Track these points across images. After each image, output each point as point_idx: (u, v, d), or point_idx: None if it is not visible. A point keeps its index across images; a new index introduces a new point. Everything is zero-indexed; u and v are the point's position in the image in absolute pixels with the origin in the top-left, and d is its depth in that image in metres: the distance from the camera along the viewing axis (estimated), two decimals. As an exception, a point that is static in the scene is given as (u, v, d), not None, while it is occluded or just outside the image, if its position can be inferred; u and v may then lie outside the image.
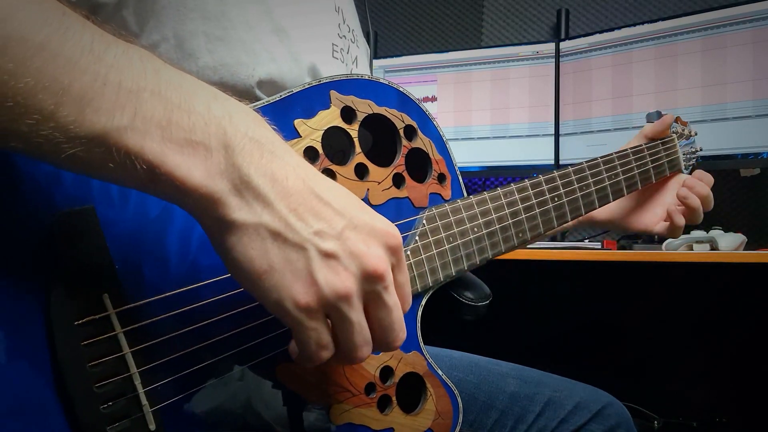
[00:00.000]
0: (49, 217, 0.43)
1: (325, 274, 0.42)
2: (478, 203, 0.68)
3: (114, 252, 0.46)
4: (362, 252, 0.43)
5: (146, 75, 0.39)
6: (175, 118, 0.39)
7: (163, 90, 0.40)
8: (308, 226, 0.42)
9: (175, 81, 0.41)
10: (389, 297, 0.45)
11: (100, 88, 0.37)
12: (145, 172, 0.39)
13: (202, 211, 0.41)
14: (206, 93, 0.42)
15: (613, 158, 0.85)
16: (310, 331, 0.44)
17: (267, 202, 0.41)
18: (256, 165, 0.41)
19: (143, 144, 0.38)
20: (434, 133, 0.67)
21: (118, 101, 0.38)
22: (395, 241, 0.46)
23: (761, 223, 1.86)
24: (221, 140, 0.40)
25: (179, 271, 0.49)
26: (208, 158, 0.40)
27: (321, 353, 0.45)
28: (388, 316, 0.46)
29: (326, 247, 0.42)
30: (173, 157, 0.39)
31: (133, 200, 0.48)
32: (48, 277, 0.43)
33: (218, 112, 0.41)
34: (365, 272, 0.44)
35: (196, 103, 0.41)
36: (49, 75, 0.36)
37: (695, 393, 1.88)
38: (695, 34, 1.75)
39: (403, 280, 0.48)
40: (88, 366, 0.43)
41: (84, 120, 0.37)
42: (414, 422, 0.61)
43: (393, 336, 0.47)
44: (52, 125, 0.36)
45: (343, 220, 0.43)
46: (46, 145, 0.37)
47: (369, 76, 0.62)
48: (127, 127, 0.38)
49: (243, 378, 0.52)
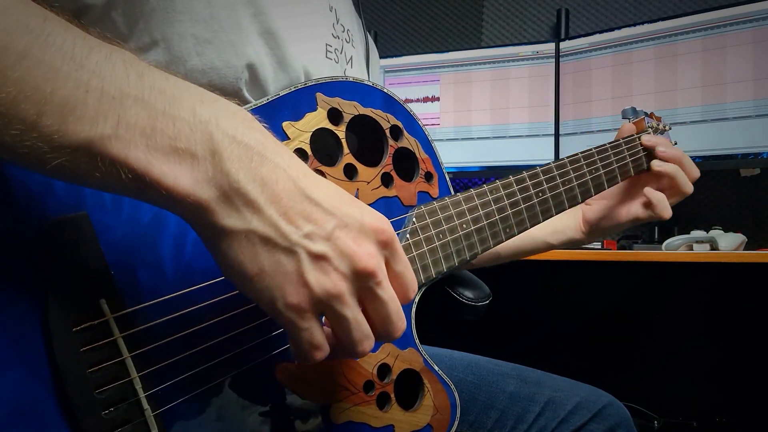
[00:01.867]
0: (43, 226, 0.43)
1: (316, 275, 0.43)
2: (465, 200, 0.68)
3: (109, 257, 0.46)
4: (353, 251, 0.44)
5: (129, 80, 0.39)
6: (160, 125, 0.39)
7: (146, 96, 0.39)
8: (298, 230, 0.42)
9: (159, 85, 0.40)
10: (383, 292, 0.46)
11: (83, 95, 0.37)
12: (132, 180, 0.39)
13: (192, 217, 0.41)
14: (192, 96, 0.41)
15: (593, 153, 0.86)
16: (303, 331, 0.44)
17: (256, 208, 0.41)
18: (246, 170, 0.41)
19: (128, 153, 0.38)
20: (420, 133, 0.67)
21: (101, 109, 0.37)
22: (386, 235, 0.46)
23: (761, 223, 1.86)
24: (208, 146, 0.40)
25: (175, 274, 0.49)
26: (195, 166, 0.40)
27: (314, 353, 0.45)
28: (384, 309, 0.46)
29: (316, 249, 0.43)
30: (159, 166, 0.39)
31: (126, 206, 0.48)
32: (45, 284, 0.43)
33: (204, 116, 0.41)
34: (356, 270, 0.44)
35: (181, 108, 0.40)
36: (31, 84, 0.35)
37: (695, 393, 1.88)
38: (695, 34, 1.75)
39: (400, 269, 0.48)
40: (88, 372, 0.43)
41: (67, 129, 0.37)
42: (413, 418, 0.62)
43: (392, 327, 0.47)
44: (35, 135, 0.36)
45: (333, 220, 0.43)
46: (31, 155, 0.37)
47: (354, 78, 0.62)
48: (111, 135, 0.38)
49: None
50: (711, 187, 1.92)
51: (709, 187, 1.92)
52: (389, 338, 0.48)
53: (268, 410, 0.54)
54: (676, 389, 1.90)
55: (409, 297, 0.49)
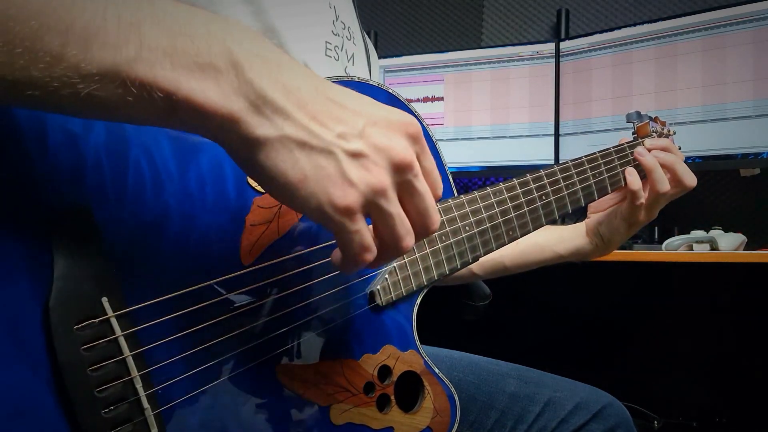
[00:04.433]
0: (45, 220, 0.43)
1: (358, 172, 0.43)
2: (468, 202, 0.68)
3: (112, 255, 0.46)
4: (387, 145, 0.44)
5: (142, 6, 0.39)
6: (180, 45, 0.40)
7: (161, 18, 0.40)
8: (330, 130, 0.43)
9: (171, 9, 0.41)
10: (420, 184, 0.46)
11: (102, 23, 0.37)
12: (163, 101, 0.39)
13: (225, 133, 0.42)
14: (203, 16, 0.42)
15: (597, 157, 0.86)
16: (353, 234, 0.44)
17: (286, 114, 0.41)
18: (267, 78, 0.41)
19: (155, 73, 0.39)
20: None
21: (121, 34, 0.38)
22: (414, 129, 0.46)
23: (761, 223, 1.86)
24: (228, 59, 0.41)
25: (178, 273, 0.49)
26: (220, 78, 0.40)
27: (365, 255, 0.46)
28: (422, 202, 0.47)
29: (352, 147, 0.43)
30: (187, 82, 0.39)
31: (129, 201, 0.48)
32: (46, 281, 0.43)
33: (219, 33, 0.41)
34: (394, 164, 0.44)
35: (196, 27, 0.41)
36: (51, 16, 0.36)
37: (695, 393, 1.88)
38: (695, 34, 1.75)
39: (429, 166, 0.48)
40: (89, 370, 0.43)
41: (93, 56, 0.37)
42: (413, 420, 0.62)
43: (431, 220, 0.48)
44: (63, 65, 0.37)
45: (361, 119, 0.44)
46: (62, 88, 0.37)
47: (359, 78, 0.62)
48: (135, 58, 0.38)
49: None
50: (711, 187, 1.92)
51: (709, 187, 1.92)
52: (427, 232, 0.49)
53: (268, 411, 0.54)
54: (676, 389, 1.90)
55: (438, 195, 0.49)
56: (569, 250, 0.96)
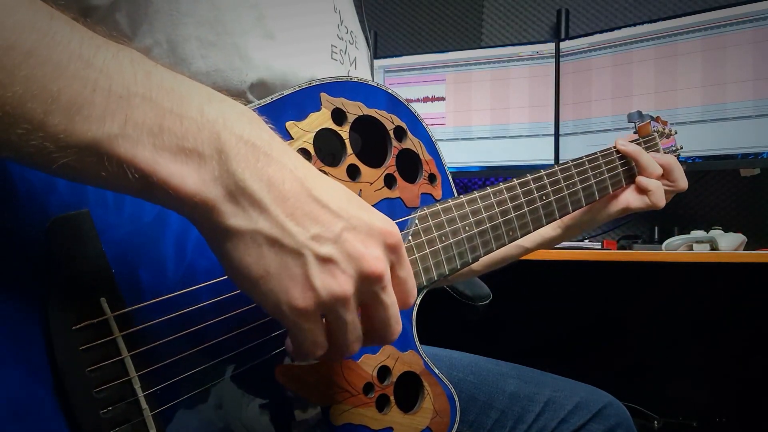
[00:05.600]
0: (44, 223, 0.43)
1: (323, 279, 0.42)
2: (468, 202, 0.68)
3: (110, 256, 0.46)
4: (360, 254, 0.43)
5: (137, 79, 0.38)
6: (167, 124, 0.39)
7: (154, 94, 0.39)
8: (305, 231, 0.42)
9: (167, 84, 0.40)
10: (387, 296, 0.46)
11: (90, 94, 0.36)
12: (138, 180, 0.38)
13: (197, 217, 0.41)
14: (200, 95, 0.41)
15: (597, 157, 0.86)
16: (306, 332, 0.44)
17: (263, 208, 0.41)
18: (252, 169, 0.40)
19: (135, 152, 0.38)
20: (424, 134, 0.67)
21: (108, 108, 0.37)
22: (394, 239, 0.45)
23: (761, 223, 1.86)
24: (215, 146, 0.40)
25: (176, 273, 0.49)
26: (202, 165, 0.39)
27: (316, 351, 0.46)
28: (384, 313, 0.46)
29: (323, 252, 0.42)
30: (166, 166, 0.38)
31: (128, 204, 0.48)
32: (45, 282, 0.43)
33: (212, 115, 0.40)
34: (363, 274, 0.44)
35: (188, 107, 0.40)
36: (38, 83, 0.35)
37: (695, 393, 1.88)
38: (695, 34, 1.75)
39: (404, 275, 0.48)
40: (87, 371, 0.43)
41: (74, 129, 0.36)
42: (412, 421, 0.62)
43: (390, 331, 0.47)
44: (41, 135, 0.36)
45: (340, 222, 0.43)
46: (37, 155, 0.36)
47: (359, 79, 0.62)
48: (118, 134, 0.37)
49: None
50: (711, 187, 1.92)
51: (709, 187, 1.92)
52: (384, 342, 0.48)
53: (267, 411, 0.54)
54: (676, 389, 1.90)
55: (408, 303, 0.49)
56: (535, 242, 0.97)
